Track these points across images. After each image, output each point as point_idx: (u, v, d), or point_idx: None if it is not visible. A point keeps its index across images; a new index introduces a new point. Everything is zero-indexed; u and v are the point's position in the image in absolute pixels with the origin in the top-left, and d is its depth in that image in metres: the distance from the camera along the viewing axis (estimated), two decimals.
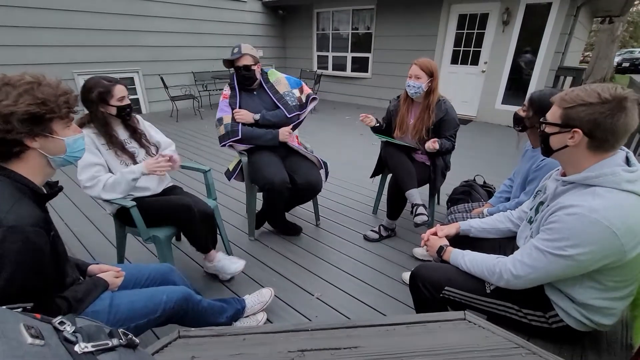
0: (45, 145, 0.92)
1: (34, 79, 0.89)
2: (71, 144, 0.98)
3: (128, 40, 5.89)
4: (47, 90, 0.89)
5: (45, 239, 0.87)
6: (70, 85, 1.00)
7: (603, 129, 0.88)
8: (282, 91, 2.25)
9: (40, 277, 0.86)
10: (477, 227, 1.42)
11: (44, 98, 0.88)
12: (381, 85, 7.45)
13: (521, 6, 5.39)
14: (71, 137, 0.98)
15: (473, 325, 0.79)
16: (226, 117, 2.19)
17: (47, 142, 0.93)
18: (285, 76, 2.32)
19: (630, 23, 17.87)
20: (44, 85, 0.90)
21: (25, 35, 4.79)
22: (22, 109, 0.84)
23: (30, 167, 0.92)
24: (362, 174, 3.59)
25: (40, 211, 0.90)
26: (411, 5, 6.46)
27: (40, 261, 0.85)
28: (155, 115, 6.38)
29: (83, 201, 2.86)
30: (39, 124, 0.89)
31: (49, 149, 0.93)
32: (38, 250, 0.84)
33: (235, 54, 2.08)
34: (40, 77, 0.91)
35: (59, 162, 0.98)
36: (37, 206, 0.90)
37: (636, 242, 0.87)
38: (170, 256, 1.75)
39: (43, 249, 0.86)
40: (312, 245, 2.39)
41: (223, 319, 1.43)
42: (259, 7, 7.95)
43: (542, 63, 5.44)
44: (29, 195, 0.90)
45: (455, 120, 2.17)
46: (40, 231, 0.85)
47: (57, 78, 0.97)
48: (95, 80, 1.57)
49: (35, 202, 0.91)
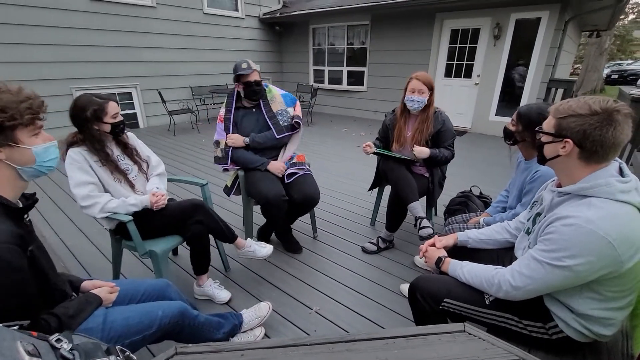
0: (11, 156, 0.88)
1: None
2: (41, 153, 0.93)
3: (126, 56, 5.97)
4: (6, 97, 0.85)
5: (20, 254, 0.82)
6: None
7: (592, 140, 0.90)
8: (276, 110, 2.25)
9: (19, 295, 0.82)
10: (475, 238, 1.42)
11: (2, 106, 0.83)
12: (377, 98, 7.56)
13: (511, 21, 5.55)
14: (40, 145, 0.93)
15: (473, 337, 0.78)
16: (222, 141, 2.23)
17: (13, 153, 0.88)
18: (281, 93, 2.32)
19: (617, 37, 18.40)
20: (3, 92, 0.85)
21: (22, 52, 4.83)
22: None
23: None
24: (360, 186, 3.60)
25: (14, 226, 0.85)
26: (404, 21, 6.63)
27: (16, 279, 0.81)
28: (153, 129, 6.40)
29: (78, 216, 2.83)
30: (1, 133, 0.85)
31: (16, 160, 0.89)
32: (11, 267, 0.80)
33: (247, 70, 2.10)
34: (1, 85, 0.87)
35: (30, 172, 0.93)
36: (10, 221, 0.85)
37: (633, 252, 0.88)
38: (166, 271, 1.74)
39: (18, 266, 0.82)
40: (309, 258, 2.37)
41: (220, 335, 1.41)
42: (256, 23, 8.12)
43: (533, 75, 5.56)
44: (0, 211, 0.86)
45: (452, 130, 2.22)
46: (12, 247, 0.81)
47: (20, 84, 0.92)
48: (86, 98, 1.54)
49: (8, 217, 0.86)
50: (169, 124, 6.35)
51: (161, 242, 1.73)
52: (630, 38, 19.59)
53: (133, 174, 1.73)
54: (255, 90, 2.16)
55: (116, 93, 6.04)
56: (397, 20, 6.72)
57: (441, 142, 2.19)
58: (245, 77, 2.12)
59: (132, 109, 6.34)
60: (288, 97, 2.34)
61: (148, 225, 1.68)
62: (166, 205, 1.73)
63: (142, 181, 1.79)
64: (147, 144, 1.95)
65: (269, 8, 8.25)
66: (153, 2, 6.10)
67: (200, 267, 1.85)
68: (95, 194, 1.55)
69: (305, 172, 2.28)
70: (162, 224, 1.72)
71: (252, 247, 1.90)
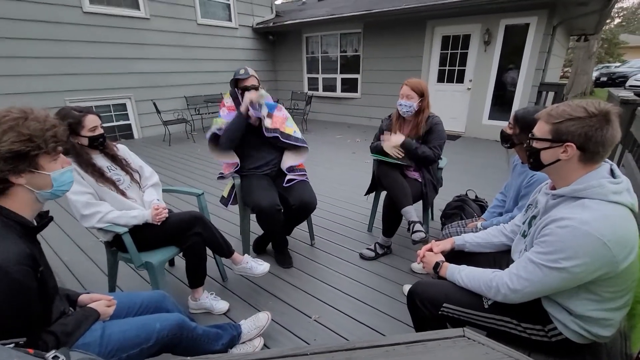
0: (31, 181, 0.89)
1: (20, 114, 0.86)
2: (58, 178, 0.95)
3: (120, 68, 5.97)
4: (34, 125, 0.86)
5: (32, 276, 0.83)
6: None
7: (594, 141, 0.92)
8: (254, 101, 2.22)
9: (24, 315, 0.83)
10: (472, 242, 1.43)
11: (29, 134, 0.85)
12: (371, 104, 7.62)
13: (500, 27, 5.65)
14: (58, 171, 0.95)
15: (472, 342, 0.78)
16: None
17: (33, 178, 0.90)
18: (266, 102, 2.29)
19: (604, 40, 18.80)
20: (30, 119, 0.86)
21: (15, 65, 4.82)
22: (6, 148, 0.81)
23: (17, 202, 0.89)
24: (356, 192, 3.61)
25: (28, 246, 0.86)
26: (396, 29, 6.73)
27: (25, 300, 0.82)
28: (148, 140, 6.39)
29: (73, 230, 2.80)
30: (24, 160, 0.86)
31: (35, 184, 0.91)
32: (23, 289, 0.81)
33: (244, 74, 2.16)
34: (28, 111, 0.88)
35: (46, 196, 0.95)
36: (25, 241, 0.87)
37: (627, 253, 0.89)
38: (163, 282, 1.72)
39: (28, 288, 0.82)
40: (308, 266, 2.36)
41: (219, 346, 1.39)
42: (250, 33, 8.19)
43: (524, 80, 5.65)
44: (16, 231, 0.87)
45: (441, 133, 2.23)
46: (25, 269, 0.81)
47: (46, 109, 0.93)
48: (65, 112, 1.55)
49: (23, 236, 0.87)
50: (164, 134, 6.33)
51: (157, 253, 1.71)
52: (617, 41, 20.04)
53: (125, 184, 1.73)
54: None
55: (110, 104, 6.04)
56: (389, 27, 6.83)
57: (427, 142, 2.22)
58: (242, 81, 2.16)
59: (127, 120, 6.33)
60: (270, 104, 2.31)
61: (145, 236, 1.66)
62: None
63: (136, 190, 1.79)
64: (142, 155, 1.95)
65: (262, 18, 8.34)
66: (147, 13, 6.14)
67: (196, 279, 1.83)
68: (94, 202, 1.54)
69: (303, 179, 2.30)
70: (159, 235, 1.71)
71: (249, 264, 1.89)
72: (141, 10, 6.08)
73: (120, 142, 3.15)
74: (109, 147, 1.73)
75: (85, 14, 5.37)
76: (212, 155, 2.27)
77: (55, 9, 5.05)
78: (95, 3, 5.47)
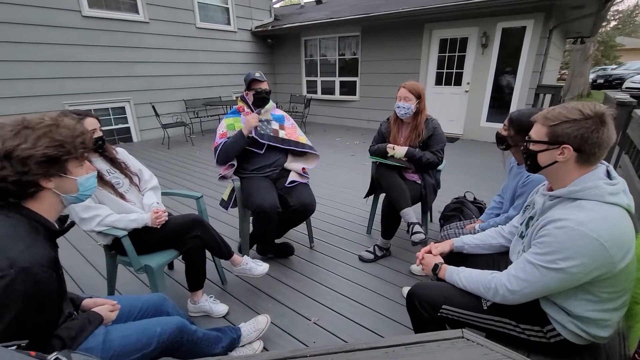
0: (59, 185, 0.94)
1: (53, 121, 0.91)
2: (83, 183, 0.99)
3: (119, 71, 5.99)
4: (65, 132, 0.91)
5: (54, 279, 0.86)
6: None
7: (590, 143, 0.93)
8: (262, 118, 2.29)
9: (42, 318, 0.85)
10: (470, 244, 1.43)
11: (61, 140, 0.90)
12: (369, 107, 7.65)
13: (497, 30, 5.69)
14: (84, 176, 0.99)
15: (471, 343, 0.78)
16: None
17: (61, 182, 0.94)
18: (272, 112, 2.36)
19: (600, 43, 18.96)
20: (61, 127, 0.92)
21: (14, 68, 4.83)
22: (40, 152, 0.86)
23: (44, 205, 0.93)
24: (355, 195, 3.61)
25: (52, 249, 0.90)
26: (394, 32, 6.77)
27: (46, 303, 0.85)
28: (147, 143, 6.39)
29: (72, 233, 2.78)
30: (55, 165, 0.90)
31: (62, 189, 0.95)
32: (46, 292, 0.83)
33: (260, 77, 2.19)
34: (59, 119, 0.93)
35: (71, 200, 0.99)
36: (49, 244, 0.90)
37: (624, 253, 0.89)
38: (162, 285, 1.71)
39: (51, 291, 0.85)
40: (307, 268, 2.36)
41: (219, 349, 1.39)
42: (249, 36, 8.23)
43: (521, 82, 5.69)
44: (43, 233, 0.90)
45: (442, 136, 2.26)
46: (50, 272, 0.84)
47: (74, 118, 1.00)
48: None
49: (48, 239, 0.91)
50: (162, 137, 6.34)
51: (157, 256, 1.71)
52: (614, 44, 20.21)
53: (124, 187, 1.73)
54: (264, 98, 2.23)
55: (109, 108, 6.04)
56: (387, 31, 6.86)
57: (429, 147, 2.24)
58: (259, 83, 2.19)
59: (126, 123, 6.33)
60: (277, 116, 2.39)
61: (144, 239, 1.66)
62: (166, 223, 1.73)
63: (135, 193, 1.79)
64: (141, 158, 1.95)
65: (261, 21, 8.38)
66: (146, 17, 6.17)
67: (195, 282, 1.83)
68: (93, 205, 1.55)
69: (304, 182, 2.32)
70: (159, 238, 1.71)
71: (248, 265, 1.90)
72: (140, 14, 6.11)
73: (119, 145, 3.15)
74: (109, 150, 1.73)
75: (84, 17, 5.38)
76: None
77: (55, 13, 5.07)
78: (94, 7, 5.49)
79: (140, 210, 1.73)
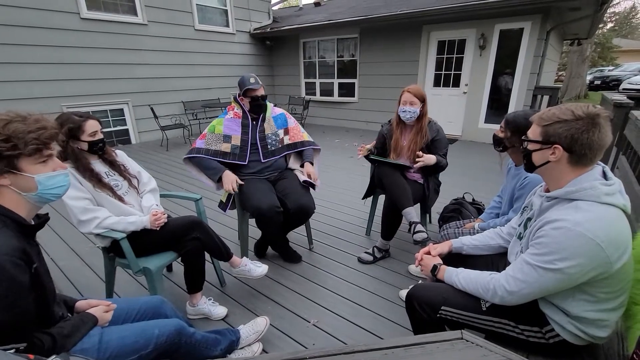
0: (15, 183, 0.90)
1: (8, 116, 0.88)
2: (43, 182, 0.94)
3: (118, 73, 5.98)
4: (16, 127, 0.87)
5: (23, 269, 0.84)
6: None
7: (580, 143, 0.93)
8: (267, 132, 2.30)
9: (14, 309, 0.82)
10: (469, 245, 1.44)
11: (7, 135, 0.85)
12: (368, 108, 7.66)
13: (495, 32, 5.72)
14: (44, 174, 0.94)
15: (470, 344, 0.78)
16: (235, 138, 2.22)
17: (16, 179, 0.90)
18: (273, 116, 2.36)
19: (597, 44, 19.05)
20: (14, 122, 0.87)
21: (14, 70, 4.83)
22: None
23: (7, 201, 0.90)
24: (354, 196, 3.62)
25: (22, 242, 0.87)
26: (393, 33, 6.79)
27: (14, 292, 0.82)
28: (146, 145, 6.38)
29: (70, 235, 2.79)
30: (1, 161, 0.86)
31: (19, 186, 0.91)
32: (11, 279, 0.81)
33: (255, 84, 2.15)
34: (22, 114, 0.89)
35: (35, 199, 0.94)
36: (20, 237, 0.87)
37: (620, 253, 0.90)
38: (161, 288, 1.71)
39: (19, 281, 0.82)
40: (306, 270, 2.36)
41: (217, 352, 1.38)
42: (247, 38, 8.24)
43: (519, 83, 5.71)
44: (11, 226, 0.88)
45: (445, 139, 2.30)
46: (15, 261, 0.82)
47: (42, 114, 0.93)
48: (66, 116, 1.56)
49: (19, 234, 0.88)
50: (161, 139, 6.33)
51: (155, 258, 1.71)
52: (610, 45, 20.31)
53: (123, 190, 1.73)
54: (261, 105, 2.22)
55: (108, 110, 6.04)
56: (385, 32, 6.89)
57: (436, 151, 2.25)
58: (254, 91, 2.17)
59: (124, 125, 6.33)
60: (279, 120, 2.38)
61: (143, 241, 1.66)
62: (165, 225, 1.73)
63: (134, 196, 1.79)
64: (139, 160, 1.95)
65: (260, 23, 8.39)
66: (144, 19, 6.17)
67: (194, 284, 1.83)
68: (92, 207, 1.54)
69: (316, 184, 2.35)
70: (157, 240, 1.71)
71: (247, 266, 1.90)
72: (139, 16, 6.11)
73: (117, 147, 3.15)
74: (108, 152, 1.73)
75: (82, 20, 5.38)
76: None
77: (53, 15, 5.07)
78: (92, 9, 5.49)
79: (139, 213, 1.73)
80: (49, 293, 0.97)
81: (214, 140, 2.22)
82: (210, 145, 2.21)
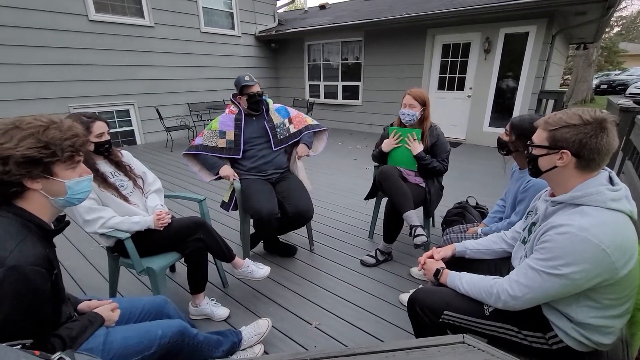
0: (46, 187, 0.92)
1: (45, 122, 0.90)
2: (72, 187, 0.97)
3: (124, 75, 6.05)
4: (54, 134, 0.89)
5: (47, 278, 0.85)
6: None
7: (589, 148, 0.93)
8: (276, 122, 2.37)
9: (37, 317, 0.84)
10: (472, 249, 1.43)
11: (46, 141, 0.88)
12: (372, 111, 7.67)
13: (500, 35, 5.71)
14: (73, 179, 0.97)
15: (472, 348, 0.78)
16: (229, 133, 2.29)
17: (48, 184, 0.92)
18: (275, 108, 2.45)
19: (604, 48, 18.90)
20: (51, 128, 0.90)
21: (23, 71, 4.89)
22: (20, 153, 0.84)
23: (34, 206, 0.92)
24: (357, 199, 3.61)
25: (46, 248, 0.89)
26: (397, 37, 6.80)
27: (38, 302, 0.83)
28: (151, 145, 6.43)
29: (74, 235, 2.81)
30: (38, 166, 0.88)
31: (49, 191, 0.93)
32: (37, 290, 0.82)
33: (250, 81, 2.22)
34: (55, 120, 0.92)
35: (61, 203, 0.97)
36: (43, 243, 0.90)
37: (626, 259, 0.89)
38: (164, 288, 1.72)
39: (43, 290, 0.84)
40: (308, 272, 2.36)
41: (219, 353, 1.39)
42: (252, 40, 8.29)
43: (524, 87, 5.69)
44: (35, 232, 0.90)
45: (446, 145, 2.29)
46: (41, 271, 0.83)
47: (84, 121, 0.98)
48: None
49: (41, 238, 0.90)
50: (166, 140, 6.38)
51: (159, 259, 1.72)
52: (617, 50, 20.14)
53: (128, 190, 1.74)
54: (258, 101, 2.27)
55: (114, 111, 6.09)
56: (389, 36, 6.90)
57: (435, 156, 2.27)
58: (250, 87, 2.22)
59: (130, 126, 6.38)
60: (281, 110, 2.47)
61: (146, 242, 1.67)
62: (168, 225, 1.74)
63: (139, 196, 1.80)
64: (144, 161, 1.98)
65: (265, 26, 8.45)
66: (151, 22, 6.24)
67: (197, 285, 1.84)
68: (97, 207, 1.56)
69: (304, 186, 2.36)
70: (161, 240, 1.72)
71: (249, 268, 1.91)
72: (146, 19, 6.18)
73: (123, 148, 3.18)
74: (114, 153, 1.75)
75: (90, 22, 5.45)
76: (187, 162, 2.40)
77: (62, 17, 5.14)
78: (100, 11, 5.56)
79: (144, 213, 1.74)
80: (61, 294, 0.99)
81: (211, 136, 2.31)
82: (208, 141, 2.30)
